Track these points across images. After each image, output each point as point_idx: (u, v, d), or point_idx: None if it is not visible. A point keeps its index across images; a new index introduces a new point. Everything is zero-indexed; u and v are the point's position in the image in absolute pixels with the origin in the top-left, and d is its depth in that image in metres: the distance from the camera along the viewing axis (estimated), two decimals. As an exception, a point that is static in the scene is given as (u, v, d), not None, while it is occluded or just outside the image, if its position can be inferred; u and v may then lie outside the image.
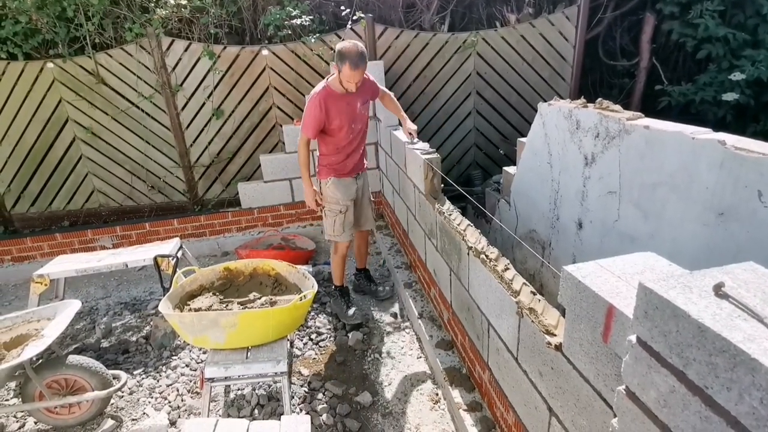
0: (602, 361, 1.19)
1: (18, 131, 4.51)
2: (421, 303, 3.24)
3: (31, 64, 4.32)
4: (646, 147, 2.21)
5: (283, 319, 2.22)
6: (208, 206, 4.95)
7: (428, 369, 2.79)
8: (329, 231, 3.10)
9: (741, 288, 0.79)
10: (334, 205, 3.02)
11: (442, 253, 2.68)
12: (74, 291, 4.01)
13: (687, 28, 4.65)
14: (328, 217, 3.06)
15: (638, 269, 1.17)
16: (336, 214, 3.03)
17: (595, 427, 1.29)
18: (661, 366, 0.82)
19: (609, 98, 2.86)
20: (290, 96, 4.69)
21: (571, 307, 1.25)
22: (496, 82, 4.94)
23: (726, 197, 1.86)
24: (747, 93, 4.40)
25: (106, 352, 3.09)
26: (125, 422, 2.51)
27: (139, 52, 4.36)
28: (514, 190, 3.51)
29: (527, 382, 1.71)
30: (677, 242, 2.11)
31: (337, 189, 3.01)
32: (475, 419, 2.21)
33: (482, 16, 5.09)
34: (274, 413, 2.46)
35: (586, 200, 2.69)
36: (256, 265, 2.61)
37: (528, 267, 3.31)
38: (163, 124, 4.67)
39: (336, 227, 3.05)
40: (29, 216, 4.84)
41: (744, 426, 0.68)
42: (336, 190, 3.01)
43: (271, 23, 4.44)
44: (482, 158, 5.24)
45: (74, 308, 2.45)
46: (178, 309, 2.30)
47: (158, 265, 3.06)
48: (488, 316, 2.04)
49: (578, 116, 2.66)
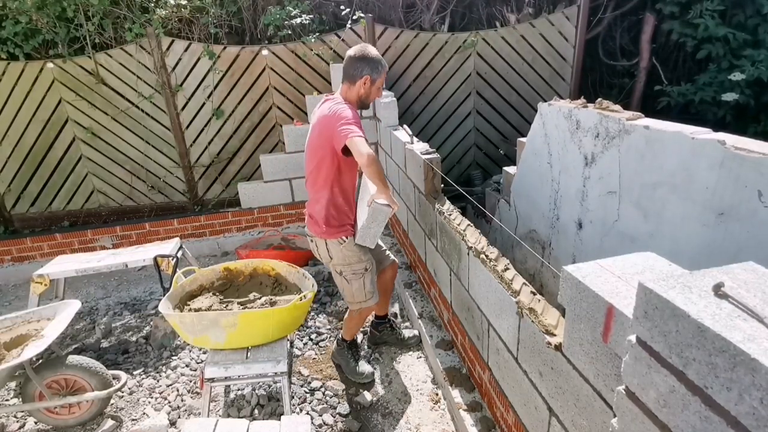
0: (602, 361, 1.19)
1: (18, 131, 4.52)
2: (421, 303, 3.24)
3: (31, 65, 4.32)
4: (646, 147, 2.21)
5: (283, 319, 2.22)
6: (208, 206, 4.95)
7: (428, 369, 2.79)
8: (359, 297, 2.45)
9: (741, 288, 0.78)
10: (357, 266, 2.39)
11: (442, 253, 2.68)
12: (74, 291, 4.00)
13: (687, 27, 4.64)
14: (353, 282, 2.41)
15: (638, 269, 1.17)
16: (362, 274, 2.41)
17: (595, 427, 1.29)
18: (661, 366, 0.82)
19: (609, 98, 2.86)
20: (290, 96, 4.70)
21: (571, 307, 1.25)
22: (496, 82, 4.95)
23: (726, 197, 1.86)
24: (747, 93, 4.40)
25: (106, 352, 3.09)
26: (125, 422, 2.51)
27: (139, 52, 4.36)
28: (514, 190, 3.51)
29: (527, 382, 1.71)
30: (677, 242, 2.11)
31: (359, 247, 2.37)
32: (475, 419, 2.21)
33: (482, 16, 5.10)
34: (274, 413, 2.46)
35: (586, 200, 2.69)
36: (256, 265, 2.61)
37: (528, 267, 3.31)
38: (163, 124, 4.67)
39: (367, 289, 2.45)
40: (29, 216, 4.84)
41: (744, 426, 0.68)
42: (358, 248, 2.37)
43: (271, 23, 4.45)
44: (482, 158, 5.25)
45: (74, 308, 2.45)
46: (178, 309, 2.30)
47: (158, 265, 3.06)
48: (488, 316, 2.04)
49: (578, 116, 2.66)
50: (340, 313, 3.33)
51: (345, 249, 2.35)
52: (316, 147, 2.26)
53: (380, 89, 2.31)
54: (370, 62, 2.20)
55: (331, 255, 2.39)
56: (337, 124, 2.11)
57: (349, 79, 2.24)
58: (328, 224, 2.33)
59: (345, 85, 2.27)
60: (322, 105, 2.33)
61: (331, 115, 2.16)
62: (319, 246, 2.42)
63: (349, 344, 2.75)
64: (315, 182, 2.32)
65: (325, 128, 2.17)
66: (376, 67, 2.22)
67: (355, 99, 2.27)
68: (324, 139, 2.19)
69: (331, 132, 2.14)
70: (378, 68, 2.22)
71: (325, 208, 2.30)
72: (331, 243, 2.36)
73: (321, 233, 2.35)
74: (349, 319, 2.66)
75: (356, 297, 2.46)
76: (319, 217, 2.33)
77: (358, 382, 2.67)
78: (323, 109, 2.26)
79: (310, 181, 2.37)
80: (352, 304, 2.51)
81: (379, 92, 2.31)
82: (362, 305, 2.49)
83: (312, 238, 2.45)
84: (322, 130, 2.20)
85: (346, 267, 2.39)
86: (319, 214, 2.33)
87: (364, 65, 2.19)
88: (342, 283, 2.45)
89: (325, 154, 2.22)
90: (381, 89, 2.31)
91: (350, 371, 2.70)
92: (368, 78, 2.21)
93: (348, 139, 2.06)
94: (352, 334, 2.73)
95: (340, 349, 2.76)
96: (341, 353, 2.75)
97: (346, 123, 2.09)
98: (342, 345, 2.75)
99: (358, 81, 2.22)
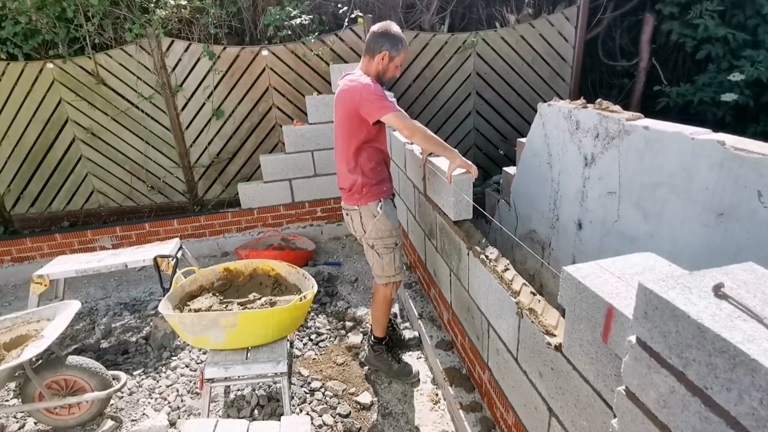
0: (602, 362, 1.19)
1: (18, 132, 4.51)
2: (421, 303, 3.24)
3: (31, 65, 4.32)
4: (645, 147, 2.21)
5: (283, 320, 2.22)
6: (208, 207, 4.95)
7: (428, 369, 2.79)
8: (388, 271, 2.49)
9: (741, 288, 0.79)
10: (389, 240, 2.44)
11: (441, 253, 2.68)
12: (74, 291, 4.00)
13: (686, 28, 4.65)
14: (384, 256, 2.45)
15: (638, 270, 1.17)
16: (393, 248, 2.46)
17: (595, 427, 1.29)
18: (661, 366, 0.82)
19: (608, 98, 2.86)
20: (290, 96, 4.70)
21: (570, 308, 1.26)
22: (495, 83, 4.95)
23: (726, 198, 1.86)
24: (746, 93, 4.40)
25: (105, 352, 3.08)
26: (125, 423, 2.51)
27: (139, 53, 4.36)
28: (513, 191, 3.51)
29: (527, 382, 1.71)
30: (677, 243, 2.11)
31: (388, 217, 2.42)
32: (475, 419, 2.21)
33: (482, 16, 5.10)
34: (274, 414, 2.46)
35: (586, 201, 2.69)
36: (255, 266, 2.61)
37: (528, 267, 3.31)
38: (163, 124, 4.67)
39: (396, 264, 2.50)
40: (29, 216, 4.84)
41: (744, 426, 0.68)
42: (387, 218, 2.41)
43: (271, 23, 4.45)
44: (482, 158, 5.25)
45: (74, 309, 2.45)
46: (178, 309, 2.30)
47: (158, 266, 3.06)
48: (488, 317, 2.04)
49: (578, 117, 2.67)
50: (340, 313, 3.33)
51: (378, 222, 2.40)
52: (343, 119, 2.32)
53: (398, 67, 2.34)
54: (391, 38, 2.25)
55: (365, 228, 2.44)
56: (366, 97, 2.18)
57: (369, 53, 2.31)
58: (367, 185, 2.37)
59: (365, 58, 2.34)
60: (344, 78, 2.38)
61: (355, 87, 2.22)
62: (353, 219, 2.47)
63: (386, 345, 2.73)
64: (347, 152, 2.36)
65: (350, 101, 2.24)
66: (396, 45, 2.26)
67: (374, 73, 2.31)
68: (351, 111, 2.25)
69: (356, 104, 2.21)
70: (398, 46, 2.27)
71: (361, 175, 2.36)
72: (365, 215, 2.41)
73: (359, 200, 2.39)
74: (376, 308, 2.65)
75: (386, 271, 2.50)
76: (356, 186, 2.38)
77: (405, 382, 2.67)
78: (345, 82, 2.31)
79: (341, 153, 2.40)
80: (380, 278, 2.53)
81: (397, 70, 2.35)
82: (391, 279, 2.52)
83: (348, 211, 2.49)
84: (347, 103, 2.26)
85: (379, 241, 2.44)
86: (355, 183, 2.38)
87: (384, 41, 2.25)
88: (374, 257, 2.49)
89: (353, 125, 2.28)
90: (399, 68, 2.35)
91: (394, 374, 2.68)
92: (387, 53, 2.26)
93: (383, 114, 2.17)
94: (383, 327, 2.69)
95: (377, 354, 2.71)
96: (380, 358, 2.71)
97: (376, 97, 2.17)
98: (378, 349, 2.71)
99: (377, 56, 2.27)
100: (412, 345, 2.98)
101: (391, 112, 2.16)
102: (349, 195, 2.43)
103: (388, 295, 2.57)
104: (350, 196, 2.43)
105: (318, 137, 4.45)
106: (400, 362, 2.72)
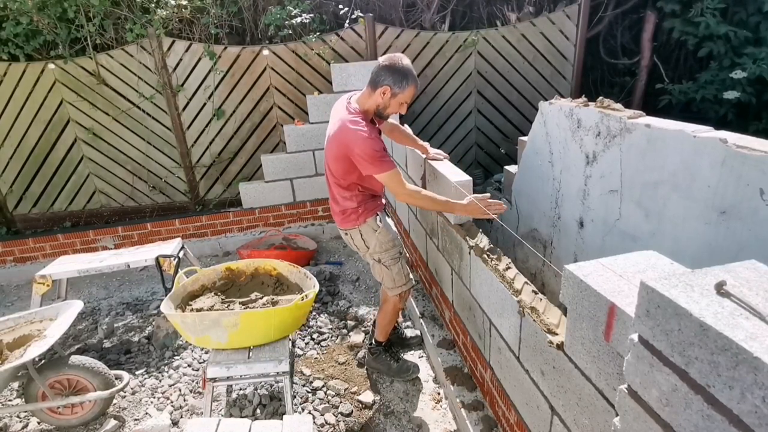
0: (604, 360, 1.19)
1: (20, 132, 4.53)
2: (423, 302, 3.24)
3: (32, 65, 4.32)
4: (647, 145, 2.21)
5: (284, 319, 2.22)
6: (210, 206, 4.96)
7: (430, 368, 2.79)
8: (399, 281, 2.46)
9: (743, 286, 0.78)
10: (393, 251, 2.42)
11: (443, 252, 2.68)
12: (76, 291, 4.01)
13: (688, 26, 4.63)
14: (392, 267, 2.43)
15: (640, 268, 1.17)
16: (398, 258, 2.44)
17: (597, 426, 1.29)
18: (663, 365, 0.82)
19: (610, 97, 2.85)
20: (291, 96, 4.70)
21: (572, 306, 1.25)
22: (497, 81, 4.94)
23: (728, 195, 1.86)
24: (748, 91, 4.38)
25: (108, 352, 3.09)
26: (128, 422, 2.51)
27: (140, 53, 4.36)
28: (515, 189, 3.51)
29: (529, 381, 1.71)
30: (679, 241, 2.11)
31: (388, 230, 2.41)
32: (477, 418, 2.21)
33: (483, 15, 5.10)
34: (276, 413, 2.47)
35: (588, 199, 2.69)
36: (257, 265, 2.61)
37: (529, 266, 3.31)
38: (164, 124, 4.67)
39: (405, 272, 2.48)
40: (31, 217, 4.85)
41: (746, 424, 0.68)
42: (388, 230, 2.40)
43: (271, 23, 4.45)
44: (483, 157, 5.24)
45: (76, 309, 2.45)
46: (180, 309, 2.30)
47: (160, 266, 3.07)
48: (490, 316, 2.04)
49: (579, 115, 2.66)
50: (342, 312, 3.33)
51: (380, 235, 2.37)
52: (336, 157, 2.21)
53: (403, 105, 2.18)
54: (395, 73, 2.08)
55: (368, 244, 2.39)
56: (359, 153, 2.07)
57: (371, 85, 2.15)
58: (362, 206, 2.33)
59: (367, 89, 2.18)
60: (337, 106, 2.27)
61: (349, 136, 2.09)
62: (354, 237, 2.42)
63: (384, 347, 2.72)
64: (338, 186, 2.31)
65: (344, 146, 2.13)
66: (400, 81, 2.08)
67: (373, 108, 2.19)
68: (343, 156, 2.16)
69: (349, 153, 2.11)
70: (402, 82, 2.09)
71: (356, 201, 2.32)
72: (366, 231, 2.37)
73: (356, 221, 2.35)
74: (383, 316, 2.63)
75: (397, 281, 2.46)
76: (350, 210, 2.34)
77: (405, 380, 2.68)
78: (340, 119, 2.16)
79: (334, 186, 2.34)
80: (392, 290, 2.48)
81: (401, 107, 2.19)
82: (403, 288, 2.49)
83: (346, 231, 2.44)
84: (341, 147, 2.15)
85: (384, 253, 2.40)
86: (349, 207, 2.34)
87: (387, 75, 2.08)
88: (382, 270, 2.45)
89: (346, 166, 2.20)
90: (404, 105, 2.18)
91: (394, 373, 2.68)
92: (389, 89, 2.10)
93: (378, 173, 2.09)
94: (387, 333, 2.69)
95: (376, 356, 2.71)
96: (379, 360, 2.71)
97: (370, 156, 2.06)
98: (376, 351, 2.71)
99: (378, 89, 2.11)
100: (414, 344, 2.98)
101: (388, 171, 2.06)
102: (344, 219, 2.38)
103: (398, 304, 2.55)
104: (346, 220, 2.38)
105: (319, 136, 4.44)
106: (398, 360, 2.73)
